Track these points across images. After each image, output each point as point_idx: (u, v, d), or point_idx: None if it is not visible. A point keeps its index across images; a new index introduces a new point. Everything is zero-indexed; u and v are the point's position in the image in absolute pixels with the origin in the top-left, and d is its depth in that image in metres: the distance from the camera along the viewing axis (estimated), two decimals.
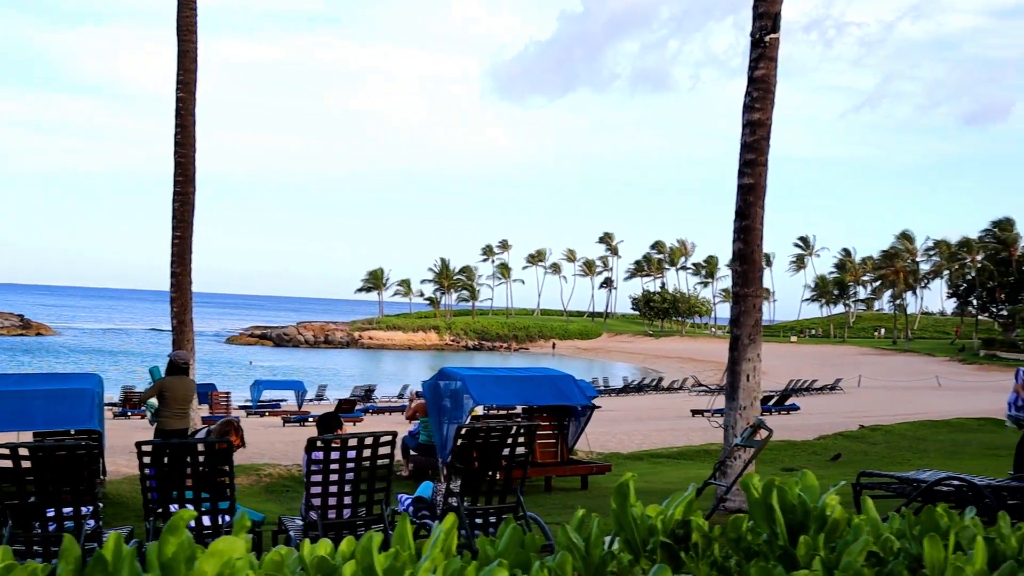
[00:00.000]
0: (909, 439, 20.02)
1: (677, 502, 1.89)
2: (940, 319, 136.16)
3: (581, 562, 1.93)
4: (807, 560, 1.75)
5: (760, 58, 9.82)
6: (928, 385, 55.49)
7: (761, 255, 10.06)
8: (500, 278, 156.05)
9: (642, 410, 39.40)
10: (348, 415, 31.33)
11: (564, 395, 13.57)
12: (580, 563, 1.93)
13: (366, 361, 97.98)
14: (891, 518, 2.20)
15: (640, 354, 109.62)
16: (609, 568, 1.92)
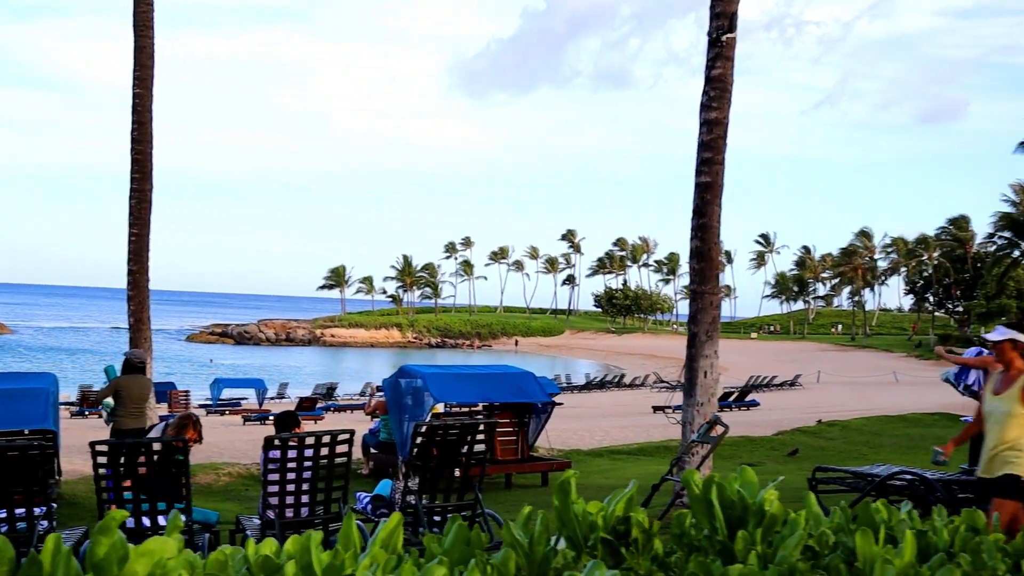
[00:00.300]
0: (866, 434, 20.28)
1: (618, 499, 1.92)
2: (898, 315, 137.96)
3: (524, 559, 1.95)
4: (744, 554, 1.78)
5: (717, 57, 9.90)
6: (885, 380, 56.18)
7: (718, 253, 10.14)
8: (463, 275, 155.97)
9: (604, 407, 39.54)
10: (309, 413, 31.20)
11: (524, 392, 13.61)
12: (524, 560, 1.95)
13: (328, 359, 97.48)
14: (832, 513, 2.24)
15: (603, 351, 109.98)
16: (553, 564, 1.94)
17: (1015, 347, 6.33)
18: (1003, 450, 6.22)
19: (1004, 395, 6.34)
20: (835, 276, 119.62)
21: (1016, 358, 6.33)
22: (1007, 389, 6.34)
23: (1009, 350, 6.33)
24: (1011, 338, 6.33)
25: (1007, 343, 6.33)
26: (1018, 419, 6.23)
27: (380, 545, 1.98)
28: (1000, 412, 6.31)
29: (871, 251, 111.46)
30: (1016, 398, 6.25)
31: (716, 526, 1.93)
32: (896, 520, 2.03)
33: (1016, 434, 6.22)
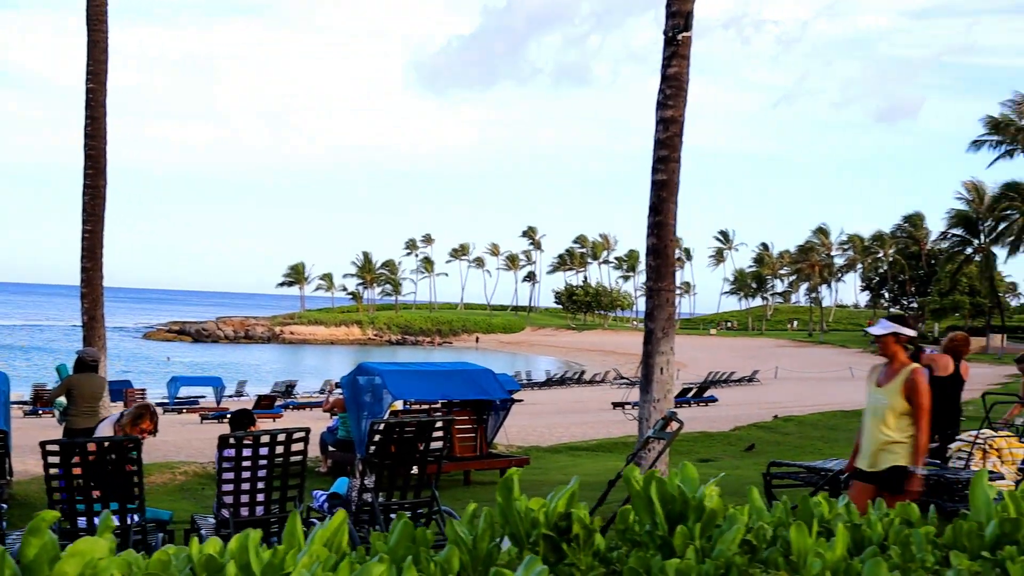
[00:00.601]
0: (821, 428, 20.53)
1: (559, 495, 1.94)
2: (854, 311, 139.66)
3: (468, 555, 1.97)
4: (683, 549, 1.81)
5: (673, 56, 9.96)
6: (842, 376, 56.81)
7: (674, 250, 10.22)
8: (423, 272, 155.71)
9: (564, 403, 39.67)
10: (267, 411, 31.01)
11: (483, 389, 13.63)
12: (467, 556, 1.97)
13: (287, 356, 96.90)
14: (774, 507, 2.28)
15: (563, 347, 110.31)
16: (497, 561, 1.96)
17: (898, 340, 6.30)
18: (886, 443, 6.23)
19: (886, 388, 6.31)
20: (793, 273, 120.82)
21: (899, 351, 6.32)
22: (889, 382, 6.32)
23: (892, 343, 6.31)
24: (894, 331, 6.31)
25: (890, 336, 6.31)
26: (900, 411, 6.21)
27: (324, 543, 1.98)
28: (882, 405, 6.29)
29: (828, 248, 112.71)
30: (898, 391, 6.22)
31: (656, 522, 1.95)
32: (833, 514, 2.07)
33: (898, 426, 6.22)
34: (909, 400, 6.18)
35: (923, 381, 6.22)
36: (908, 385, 6.20)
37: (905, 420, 6.22)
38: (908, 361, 6.29)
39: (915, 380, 6.19)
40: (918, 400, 6.17)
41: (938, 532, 1.94)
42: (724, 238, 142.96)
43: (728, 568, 1.74)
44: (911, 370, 6.23)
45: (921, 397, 6.18)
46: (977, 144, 59.70)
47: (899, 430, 6.22)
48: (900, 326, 6.32)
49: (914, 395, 6.17)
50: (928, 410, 6.20)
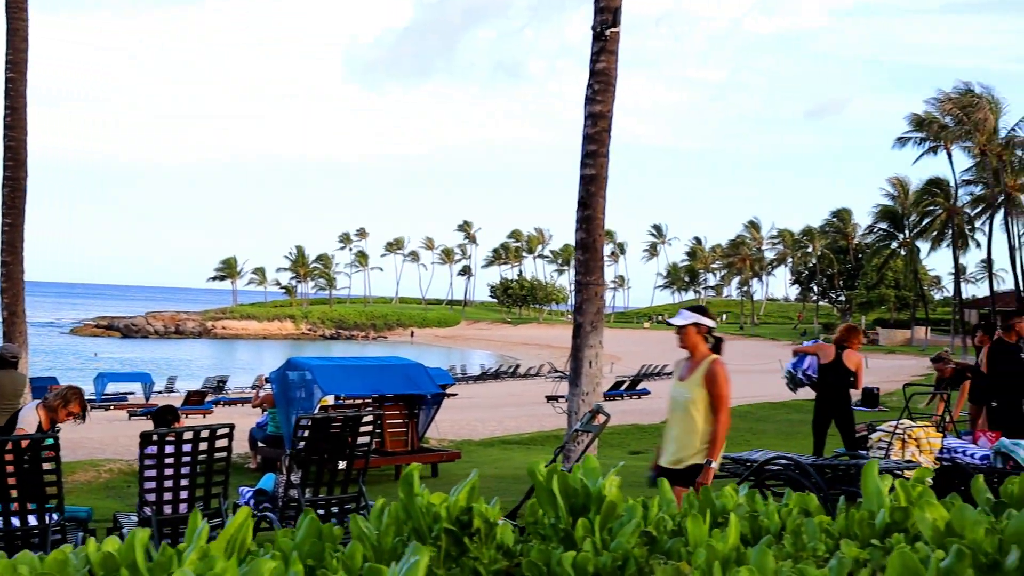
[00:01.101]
0: (749, 420, 20.87)
1: (460, 488, 1.95)
2: (784, 305, 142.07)
3: (372, 551, 1.97)
4: (583, 542, 1.83)
5: (601, 51, 10.02)
6: (772, 368, 57.69)
7: (603, 244, 10.30)
8: (358, 266, 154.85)
9: (498, 397, 39.78)
10: (197, 407, 30.62)
11: (414, 384, 13.62)
12: (371, 552, 1.97)
13: (219, 351, 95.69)
14: (684, 498, 2.31)
15: (498, 341, 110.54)
16: (395, 555, 1.96)
17: (699, 331, 6.11)
18: (692, 438, 6.00)
19: (687, 381, 6.10)
20: (725, 267, 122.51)
21: (700, 343, 6.11)
22: (691, 375, 6.10)
23: (693, 334, 6.09)
24: (695, 322, 6.10)
25: (691, 327, 6.09)
26: (701, 404, 6.00)
27: (227, 541, 1.97)
28: (683, 399, 6.08)
29: (759, 242, 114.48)
30: (699, 384, 6.01)
31: (559, 515, 1.97)
32: (733, 504, 2.11)
33: (699, 421, 5.99)
34: (711, 393, 5.98)
35: (723, 372, 6.04)
36: (708, 377, 5.99)
37: (706, 413, 6.01)
38: (709, 352, 6.10)
39: (715, 371, 6.00)
40: (717, 391, 5.98)
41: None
42: (657, 232, 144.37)
43: (626, 560, 1.76)
44: (711, 361, 6.03)
45: (720, 388, 5.99)
46: (902, 141, 61.06)
47: (705, 424, 6.00)
48: (701, 316, 6.16)
49: (714, 386, 5.97)
50: (727, 401, 6.05)
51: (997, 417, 11.05)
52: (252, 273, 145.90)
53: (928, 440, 9.87)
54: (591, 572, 1.72)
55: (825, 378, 10.98)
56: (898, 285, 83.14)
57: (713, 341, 6.15)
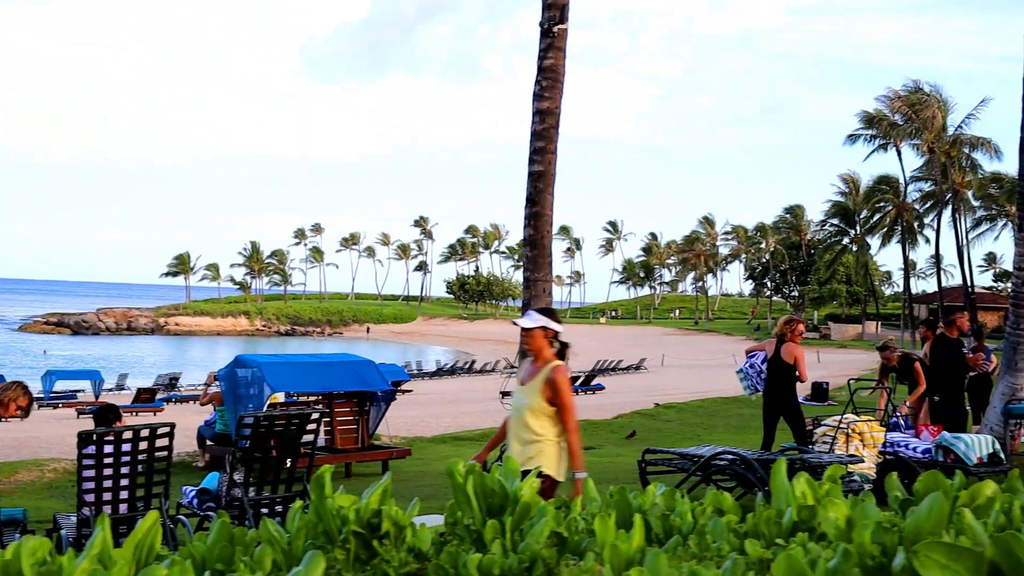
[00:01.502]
0: (701, 415, 21.02)
1: (372, 490, 1.94)
2: (738, 300, 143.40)
3: (282, 555, 1.95)
4: (493, 543, 1.83)
5: (549, 48, 10.03)
6: (726, 363, 58.22)
7: (551, 241, 10.32)
8: (313, 262, 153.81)
9: (453, 393, 39.72)
10: (147, 405, 30.26)
11: (364, 381, 13.56)
12: (281, 556, 1.95)
13: (172, 348, 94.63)
14: (604, 496, 2.32)
15: (455, 337, 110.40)
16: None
17: (546, 335, 5.82)
18: (527, 446, 5.73)
19: (528, 386, 5.79)
20: (680, 262, 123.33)
21: (546, 347, 5.81)
22: (531, 380, 5.80)
23: (540, 338, 5.80)
24: (543, 325, 5.81)
25: (538, 331, 5.80)
26: (540, 412, 5.70)
27: (135, 546, 1.94)
28: (522, 404, 5.80)
29: (713, 238, 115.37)
30: (538, 390, 5.71)
31: (474, 516, 1.97)
32: (649, 504, 2.12)
33: (538, 428, 5.70)
34: (551, 401, 5.69)
35: (563, 379, 5.74)
36: (548, 384, 5.70)
37: (546, 421, 5.73)
38: (552, 358, 5.81)
39: (554, 379, 5.70)
40: (560, 400, 5.69)
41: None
42: (613, 228, 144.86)
43: (533, 562, 1.76)
44: (552, 368, 5.74)
45: (563, 396, 5.71)
46: (853, 138, 61.79)
47: (539, 431, 5.72)
48: (549, 320, 5.87)
49: (556, 394, 5.68)
50: (572, 408, 5.75)
51: (939, 411, 11.23)
52: (205, 269, 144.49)
53: (872, 434, 10.01)
54: (496, 574, 1.72)
55: (770, 373, 11.10)
56: (849, 280, 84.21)
57: (559, 346, 5.91)
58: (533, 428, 5.69)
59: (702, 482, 10.14)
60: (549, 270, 10.24)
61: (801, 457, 9.43)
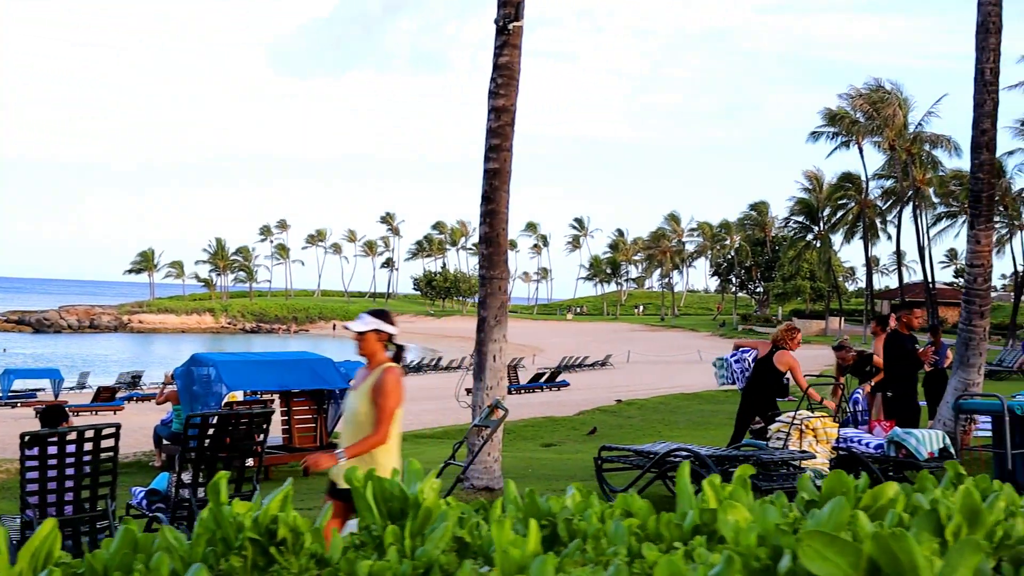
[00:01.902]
0: (662, 411, 21.09)
1: (271, 497, 1.91)
2: (704, 296, 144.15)
3: (180, 562, 1.92)
4: (389, 549, 1.81)
5: (504, 45, 10.00)
6: (691, 359, 58.52)
7: (506, 238, 10.29)
8: (278, 259, 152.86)
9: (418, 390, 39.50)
10: (107, 404, 29.94)
11: (322, 379, 13.49)
12: (179, 564, 1.92)
13: (136, 346, 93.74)
14: (526, 495, 2.30)
15: (421, 334, 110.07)
16: (209, 565, 1.92)
17: (379, 337, 5.58)
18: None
19: (359, 390, 5.57)
20: (646, 259, 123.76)
21: (379, 350, 5.55)
22: (362, 384, 5.59)
23: (372, 341, 5.55)
24: (375, 328, 5.56)
25: (371, 334, 5.55)
26: (366, 419, 5.46)
27: (31, 554, 1.90)
28: (351, 410, 5.57)
29: (679, 235, 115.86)
30: (366, 395, 5.49)
31: (375, 521, 1.95)
32: (559, 507, 2.10)
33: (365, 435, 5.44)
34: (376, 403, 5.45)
35: (392, 381, 5.49)
36: (375, 387, 5.46)
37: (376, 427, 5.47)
38: (385, 360, 5.57)
39: (383, 380, 5.45)
40: (382, 401, 5.42)
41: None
42: (579, 225, 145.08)
43: (430, 567, 1.74)
44: (382, 370, 5.50)
45: (386, 399, 5.43)
46: (816, 135, 62.29)
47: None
48: (382, 322, 5.61)
49: (379, 396, 5.43)
50: (390, 415, 5.47)
51: (892, 407, 11.34)
52: (170, 266, 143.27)
53: (825, 430, 10.07)
54: None
55: (755, 373, 11.18)
56: (813, 277, 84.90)
57: (394, 349, 5.70)
58: (361, 434, 5.42)
59: (657, 478, 10.18)
60: (505, 267, 10.23)
61: (756, 454, 9.49)
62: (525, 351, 68.55)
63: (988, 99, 12.04)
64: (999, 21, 11.91)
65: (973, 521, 1.40)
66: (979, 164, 12.24)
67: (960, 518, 1.40)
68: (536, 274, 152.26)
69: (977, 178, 12.28)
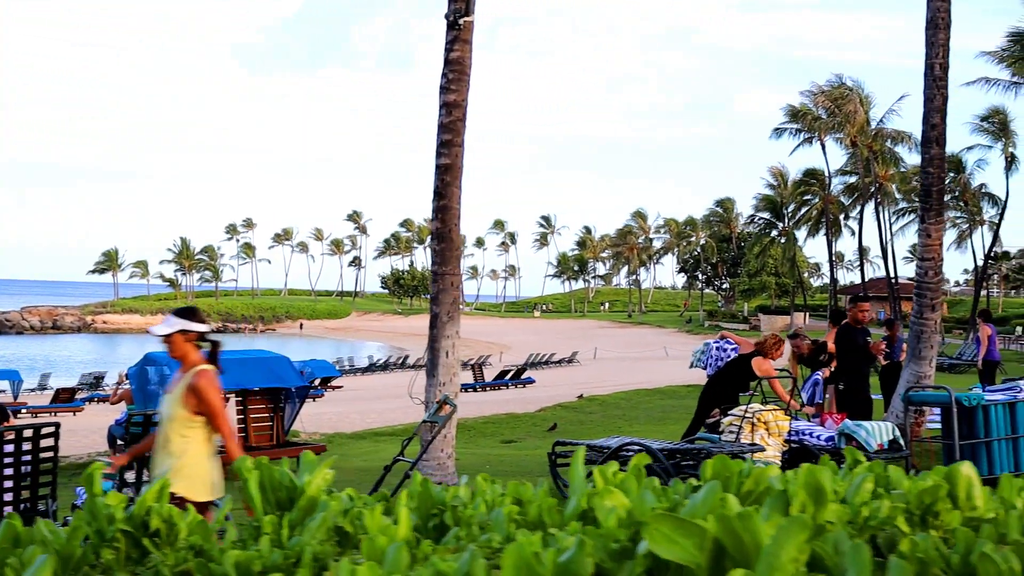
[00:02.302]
0: (623, 407, 21.16)
1: (146, 488, 1.89)
2: (671, 292, 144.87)
3: (56, 556, 1.89)
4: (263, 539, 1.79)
5: (455, 40, 9.98)
6: (657, 355, 58.78)
7: (459, 234, 10.28)
8: (245, 258, 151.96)
9: (384, 388, 39.48)
10: (67, 405, 29.62)
11: (277, 376, 13.40)
12: (55, 558, 1.89)
13: (100, 346, 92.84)
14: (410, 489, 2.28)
15: (389, 332, 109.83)
16: (89, 561, 1.89)
17: (187, 338, 5.29)
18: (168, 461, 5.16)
19: (172, 395, 5.29)
20: (613, 256, 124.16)
21: (191, 351, 5.28)
22: (175, 388, 5.33)
23: (181, 343, 5.27)
24: (182, 329, 5.27)
25: (178, 335, 5.26)
26: (184, 423, 5.19)
27: None
28: (166, 415, 5.29)
29: (646, 232, 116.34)
30: (179, 400, 5.21)
31: (256, 511, 1.93)
32: (451, 497, 2.09)
33: (179, 443, 5.18)
34: (197, 410, 5.19)
35: (207, 383, 5.22)
36: (190, 391, 5.19)
37: (191, 433, 5.20)
38: (199, 361, 5.32)
39: (197, 384, 5.19)
40: (207, 407, 5.17)
41: None
42: (547, 222, 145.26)
43: (299, 556, 1.72)
44: (194, 373, 5.24)
45: (209, 402, 5.20)
46: (779, 131, 62.72)
47: (181, 447, 5.18)
48: (188, 321, 5.33)
49: (199, 402, 5.16)
50: (220, 412, 5.25)
51: (843, 399, 11.44)
52: (134, 266, 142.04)
53: (777, 423, 10.14)
54: (257, 571, 1.68)
55: (728, 365, 11.27)
56: (778, 273, 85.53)
57: (210, 347, 5.45)
58: (175, 443, 5.16)
59: None
60: (457, 264, 10.22)
61: (706, 447, 9.53)
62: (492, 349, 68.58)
63: (938, 94, 12.17)
64: (948, 17, 12.04)
65: (818, 500, 1.40)
66: (929, 159, 12.37)
67: (804, 496, 1.41)
68: (504, 272, 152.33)
69: (927, 172, 12.41)
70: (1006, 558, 1.33)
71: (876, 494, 1.67)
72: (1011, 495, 1.71)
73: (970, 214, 65.10)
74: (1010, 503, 1.69)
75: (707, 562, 1.37)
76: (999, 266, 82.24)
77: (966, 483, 1.67)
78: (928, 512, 1.66)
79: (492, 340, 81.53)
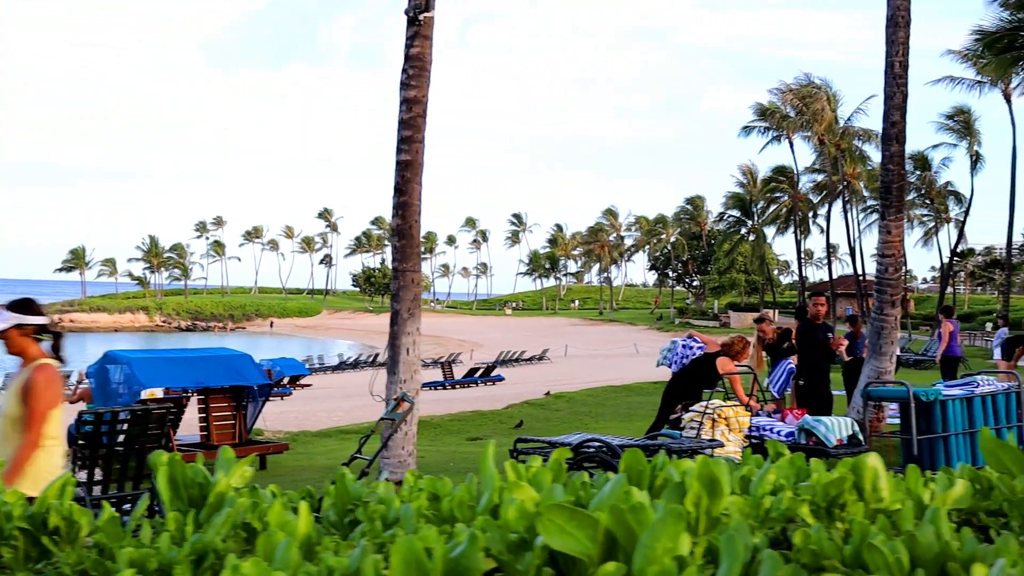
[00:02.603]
0: (590, 404, 21.19)
1: (47, 486, 1.85)
2: (642, 290, 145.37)
3: None
4: (179, 536, 1.76)
5: (415, 36, 9.95)
6: (628, 353, 58.94)
7: (419, 230, 10.24)
8: (214, 256, 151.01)
9: (353, 386, 39.30)
10: None
11: (239, 374, 13.32)
12: None
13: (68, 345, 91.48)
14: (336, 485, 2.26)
15: (360, 330, 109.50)
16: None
17: (24, 332, 4.93)
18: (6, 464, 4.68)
19: (9, 392, 4.95)
20: (585, 253, 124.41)
21: (30, 345, 4.94)
22: (12, 384, 4.98)
23: (17, 337, 4.92)
24: (16, 323, 4.91)
25: (12, 331, 4.90)
26: (15, 423, 4.81)
27: None
28: (3, 413, 4.91)
29: (617, 229, 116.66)
30: (15, 396, 4.85)
31: (165, 507, 1.89)
32: (367, 493, 2.07)
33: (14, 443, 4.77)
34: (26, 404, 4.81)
35: (42, 380, 4.84)
36: (24, 387, 4.85)
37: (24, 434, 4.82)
38: (40, 355, 4.96)
39: (32, 380, 4.83)
40: (31, 405, 4.77)
41: None
42: (518, 220, 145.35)
43: (204, 554, 1.69)
44: (32, 368, 4.88)
45: (35, 400, 4.79)
46: (747, 129, 63.09)
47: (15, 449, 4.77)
48: (23, 315, 4.97)
49: (28, 398, 4.79)
50: (40, 418, 4.80)
51: (804, 395, 11.51)
52: (102, 264, 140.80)
53: (737, 419, 10.19)
54: (152, 568, 1.65)
55: (693, 363, 11.32)
56: (747, 270, 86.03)
57: (52, 339, 5.10)
58: (13, 441, 4.76)
59: (572, 469, 10.20)
60: (418, 260, 10.18)
61: (666, 443, 9.55)
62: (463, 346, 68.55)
63: (898, 92, 12.26)
64: (907, 15, 12.13)
65: (712, 491, 1.39)
66: (889, 156, 12.46)
67: (698, 487, 1.40)
68: (476, 269, 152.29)
69: (888, 169, 12.50)
70: (894, 549, 1.32)
71: (779, 486, 1.66)
72: (917, 486, 1.70)
73: (936, 212, 65.74)
74: (916, 494, 1.69)
75: (599, 554, 1.36)
76: (965, 263, 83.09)
77: (872, 475, 1.67)
78: (834, 504, 1.66)
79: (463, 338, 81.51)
